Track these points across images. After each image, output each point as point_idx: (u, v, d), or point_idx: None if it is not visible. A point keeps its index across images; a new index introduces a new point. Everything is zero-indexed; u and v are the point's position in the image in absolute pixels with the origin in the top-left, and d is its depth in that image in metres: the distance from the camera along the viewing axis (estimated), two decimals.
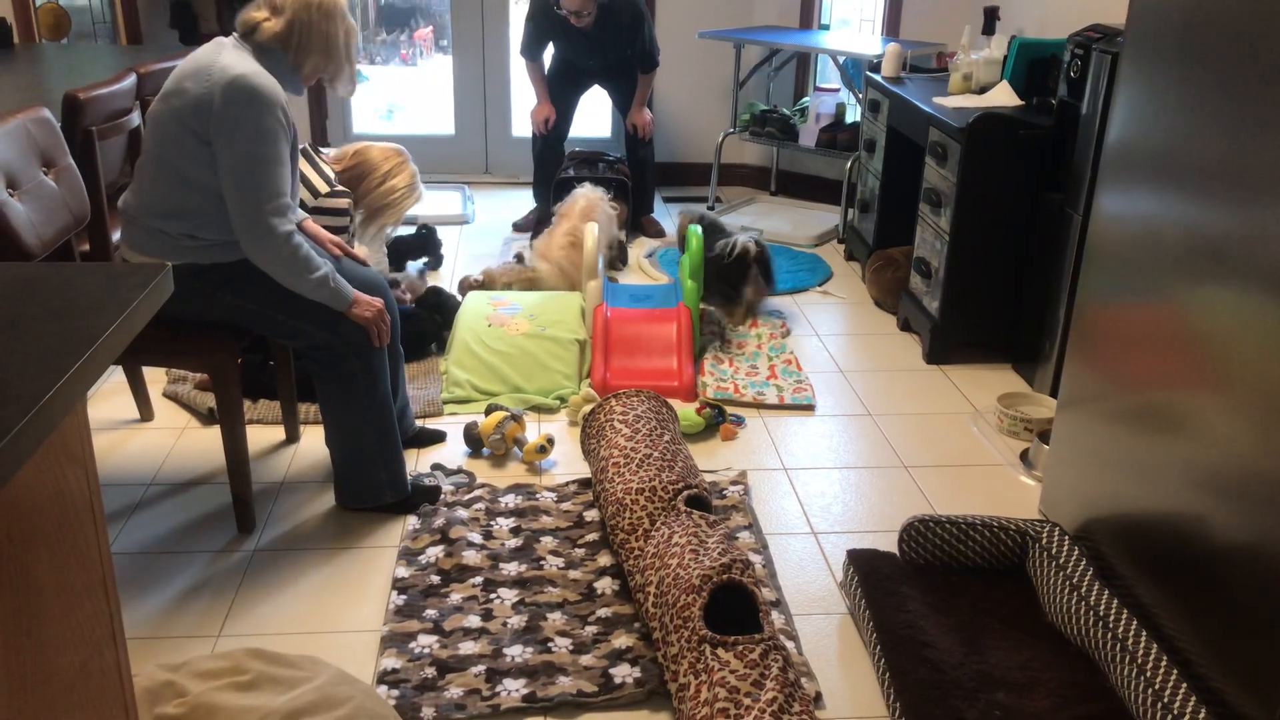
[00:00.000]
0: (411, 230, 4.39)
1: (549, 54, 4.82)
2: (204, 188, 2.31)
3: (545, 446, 2.85)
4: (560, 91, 4.79)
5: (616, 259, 4.37)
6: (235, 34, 2.39)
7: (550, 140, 4.80)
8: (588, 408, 2.77)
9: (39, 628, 1.08)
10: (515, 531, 2.53)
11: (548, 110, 4.73)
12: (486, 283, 3.90)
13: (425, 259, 4.38)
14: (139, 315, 1.20)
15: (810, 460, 2.94)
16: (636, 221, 4.90)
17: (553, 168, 4.78)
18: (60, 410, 1.00)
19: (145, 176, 2.37)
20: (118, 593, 1.28)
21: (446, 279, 4.23)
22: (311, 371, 2.50)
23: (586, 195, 4.17)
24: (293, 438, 2.96)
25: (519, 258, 4.14)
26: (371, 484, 2.58)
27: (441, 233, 4.57)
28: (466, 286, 3.90)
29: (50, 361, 1.03)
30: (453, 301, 3.71)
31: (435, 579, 2.34)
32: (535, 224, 4.74)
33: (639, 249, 4.62)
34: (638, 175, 4.83)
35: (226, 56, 2.30)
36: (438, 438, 2.98)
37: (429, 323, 3.52)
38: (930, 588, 2.24)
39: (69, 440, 1.14)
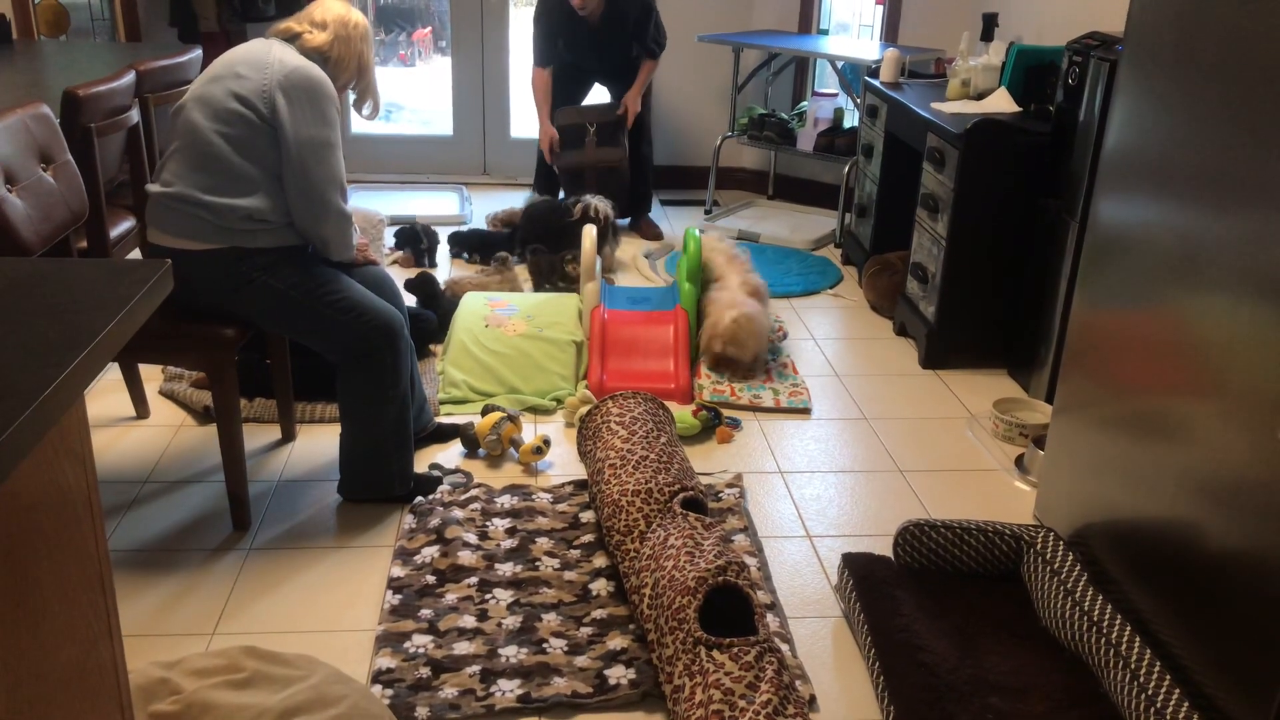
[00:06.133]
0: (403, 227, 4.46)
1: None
2: (262, 165, 2.37)
3: (541, 448, 2.85)
4: (563, 95, 4.79)
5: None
6: (278, 37, 2.50)
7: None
8: (584, 409, 2.78)
9: (36, 624, 1.08)
10: (511, 532, 2.53)
11: (551, 132, 4.71)
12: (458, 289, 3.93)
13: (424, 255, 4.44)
14: (139, 311, 1.20)
15: (806, 464, 2.94)
16: (635, 223, 4.91)
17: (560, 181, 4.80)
18: (60, 406, 1.00)
19: (193, 153, 2.37)
20: (114, 590, 1.28)
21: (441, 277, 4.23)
22: (338, 366, 2.51)
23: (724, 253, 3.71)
24: (289, 436, 2.96)
25: (501, 260, 4.17)
26: (382, 476, 2.60)
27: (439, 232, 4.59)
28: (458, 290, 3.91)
29: (50, 356, 1.03)
30: (439, 289, 3.75)
31: (430, 579, 2.34)
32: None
33: (635, 248, 4.63)
34: (637, 175, 4.83)
35: (279, 50, 2.42)
36: (453, 432, 2.98)
37: (429, 323, 3.53)
38: (925, 592, 2.25)
39: (68, 436, 1.14)
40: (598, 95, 4.97)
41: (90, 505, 1.20)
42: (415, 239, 4.39)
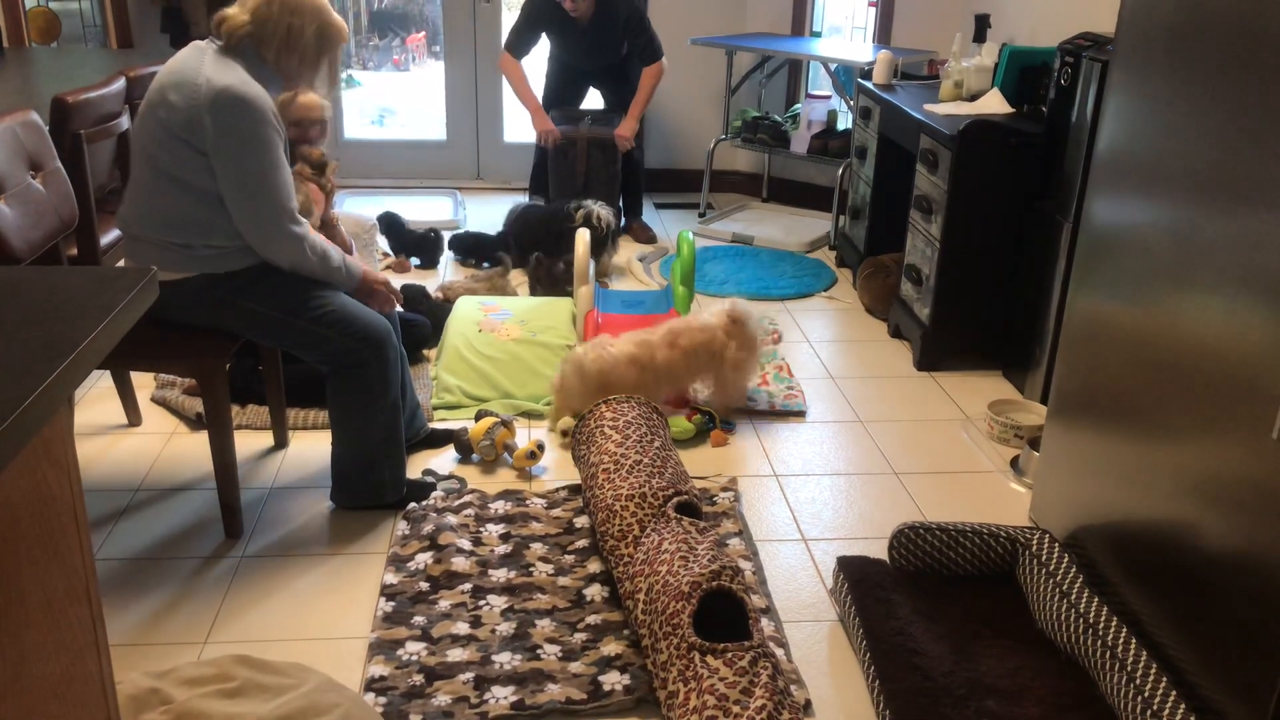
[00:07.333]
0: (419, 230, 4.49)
1: (545, 64, 4.80)
2: (209, 195, 2.31)
3: (535, 452, 2.84)
4: (560, 99, 4.77)
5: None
6: (211, 38, 2.39)
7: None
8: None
9: (19, 635, 1.07)
10: (505, 538, 2.52)
11: (547, 121, 4.68)
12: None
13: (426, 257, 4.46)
14: (124, 319, 1.19)
15: (801, 467, 2.93)
16: (627, 226, 4.90)
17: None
18: (42, 414, 0.99)
19: (144, 190, 2.34)
20: (101, 599, 1.27)
21: (440, 280, 4.23)
22: (327, 376, 2.50)
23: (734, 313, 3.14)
24: (281, 443, 2.95)
25: (501, 264, 4.16)
26: (374, 484, 2.59)
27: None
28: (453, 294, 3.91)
29: (33, 365, 1.02)
30: (428, 299, 3.74)
31: (424, 585, 2.33)
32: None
33: (629, 251, 4.62)
34: (628, 179, 4.82)
35: (209, 66, 2.29)
36: (448, 438, 2.97)
37: (422, 328, 3.52)
38: (920, 595, 2.24)
39: (51, 445, 1.13)
40: (593, 100, 4.96)
41: (75, 515, 1.19)
42: (434, 244, 4.40)
